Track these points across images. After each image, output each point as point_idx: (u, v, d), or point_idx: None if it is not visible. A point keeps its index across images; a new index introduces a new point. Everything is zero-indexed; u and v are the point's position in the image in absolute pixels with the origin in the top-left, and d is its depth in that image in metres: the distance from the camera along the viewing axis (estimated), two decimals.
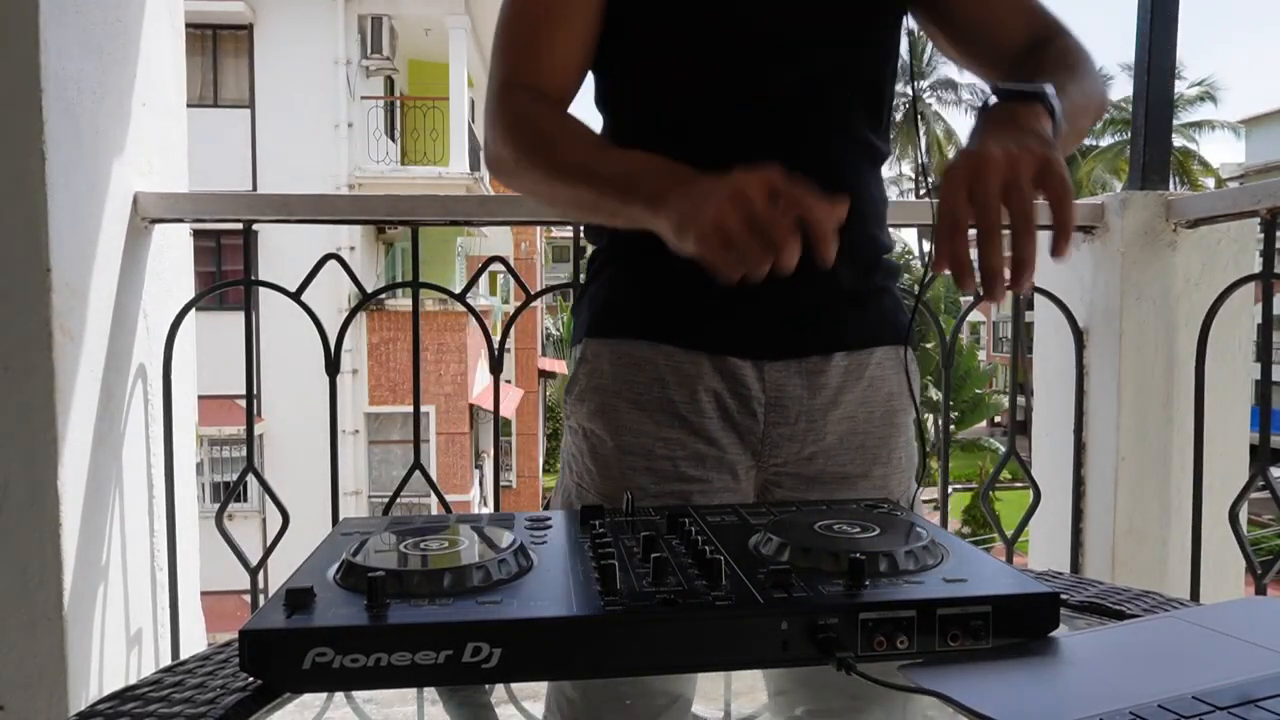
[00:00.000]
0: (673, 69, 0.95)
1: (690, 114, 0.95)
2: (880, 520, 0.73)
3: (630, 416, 0.96)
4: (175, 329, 1.69)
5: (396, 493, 1.83)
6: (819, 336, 0.96)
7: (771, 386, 0.95)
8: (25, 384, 1.36)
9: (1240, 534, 1.70)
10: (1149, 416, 1.85)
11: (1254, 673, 0.54)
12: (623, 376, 0.96)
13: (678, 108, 0.95)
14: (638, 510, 0.80)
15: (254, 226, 1.72)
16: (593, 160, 0.87)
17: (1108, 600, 0.78)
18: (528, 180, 0.93)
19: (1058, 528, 1.96)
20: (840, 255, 0.78)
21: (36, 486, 1.36)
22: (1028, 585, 0.61)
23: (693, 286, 0.84)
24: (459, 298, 1.76)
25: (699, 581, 0.61)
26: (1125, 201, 1.83)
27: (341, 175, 12.62)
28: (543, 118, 0.92)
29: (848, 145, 0.97)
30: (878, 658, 0.58)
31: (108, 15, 1.51)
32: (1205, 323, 1.72)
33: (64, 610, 1.38)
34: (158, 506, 1.68)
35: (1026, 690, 0.56)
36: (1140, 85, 1.89)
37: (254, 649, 0.55)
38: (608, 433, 0.97)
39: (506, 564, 0.63)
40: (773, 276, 0.75)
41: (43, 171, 1.34)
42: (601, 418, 0.97)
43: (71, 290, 1.41)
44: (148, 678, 0.65)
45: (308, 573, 0.64)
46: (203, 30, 12.42)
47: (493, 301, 16.83)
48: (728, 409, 0.95)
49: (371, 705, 0.63)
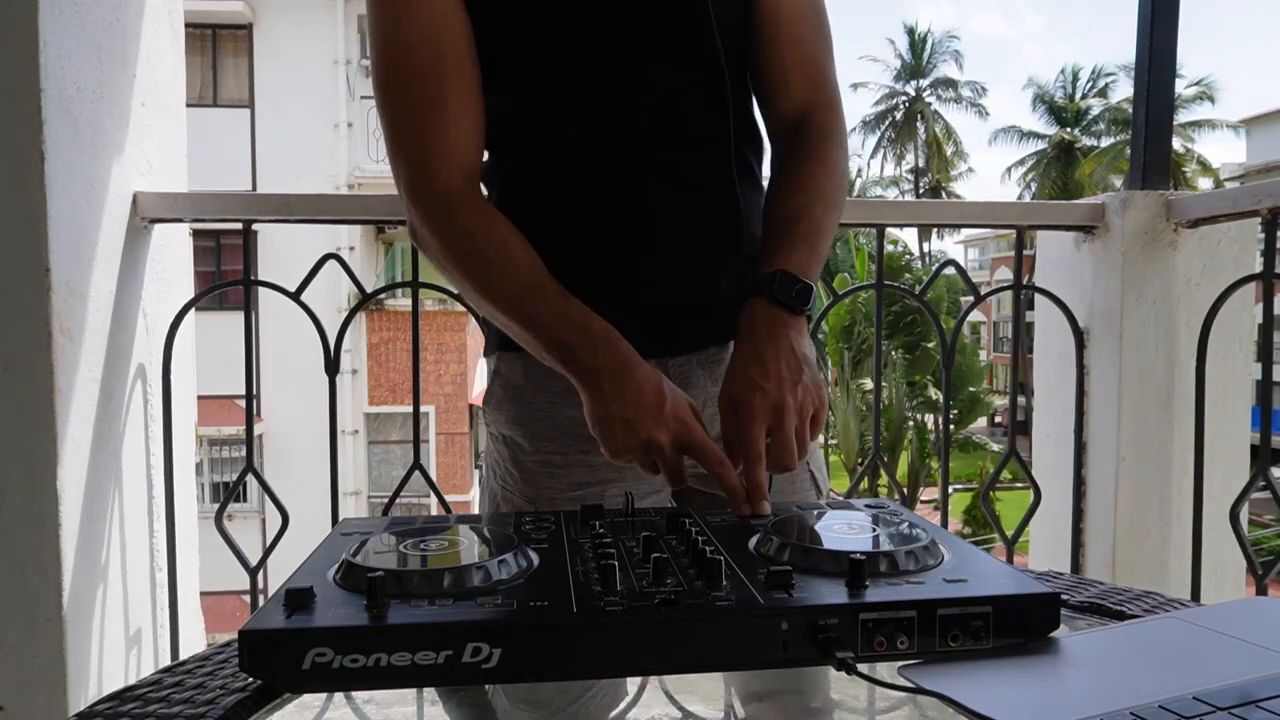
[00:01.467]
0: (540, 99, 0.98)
1: (565, 148, 0.99)
2: (880, 520, 0.73)
3: (544, 425, 1.00)
4: (175, 329, 1.69)
5: (396, 493, 1.83)
6: (713, 329, 1.01)
7: (678, 380, 0.98)
8: (25, 384, 1.36)
9: (1241, 534, 1.70)
10: (1149, 417, 1.85)
11: (1255, 673, 0.54)
12: (535, 387, 1.01)
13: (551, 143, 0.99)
14: (638, 510, 0.80)
15: (254, 226, 1.72)
16: (527, 300, 0.90)
17: (1108, 600, 0.78)
18: (470, 299, 0.96)
19: (1058, 528, 1.96)
20: (723, 260, 1.00)
21: (36, 486, 1.36)
22: (1028, 585, 0.61)
23: (594, 297, 0.90)
24: (459, 298, 1.76)
25: (699, 582, 0.61)
26: (1126, 201, 1.83)
27: (341, 175, 12.63)
28: (477, 235, 0.93)
29: (718, 159, 1.00)
30: (878, 658, 0.58)
31: (107, 15, 1.51)
32: (1206, 323, 1.72)
33: (63, 611, 1.38)
34: (157, 507, 1.68)
35: (1027, 690, 0.56)
36: (1140, 85, 1.89)
37: (254, 649, 0.55)
38: (525, 440, 1.01)
39: (506, 564, 0.63)
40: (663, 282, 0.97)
41: (42, 171, 1.34)
42: (520, 426, 1.02)
43: (71, 290, 1.41)
44: (147, 678, 0.65)
45: (307, 573, 0.64)
46: (202, 30, 12.43)
47: None
48: None
49: (371, 705, 0.63)
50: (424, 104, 0.94)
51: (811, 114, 1.03)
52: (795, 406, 0.86)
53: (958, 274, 1.99)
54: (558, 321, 0.88)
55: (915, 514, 0.77)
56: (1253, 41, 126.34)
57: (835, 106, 1.05)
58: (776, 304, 0.91)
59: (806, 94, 1.03)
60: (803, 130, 1.03)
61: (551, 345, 0.89)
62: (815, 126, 1.02)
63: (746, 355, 0.89)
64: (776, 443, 0.85)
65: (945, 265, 2.05)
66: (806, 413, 0.88)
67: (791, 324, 0.91)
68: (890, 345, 20.48)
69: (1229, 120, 27.61)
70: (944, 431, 2.16)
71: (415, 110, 0.94)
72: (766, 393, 0.85)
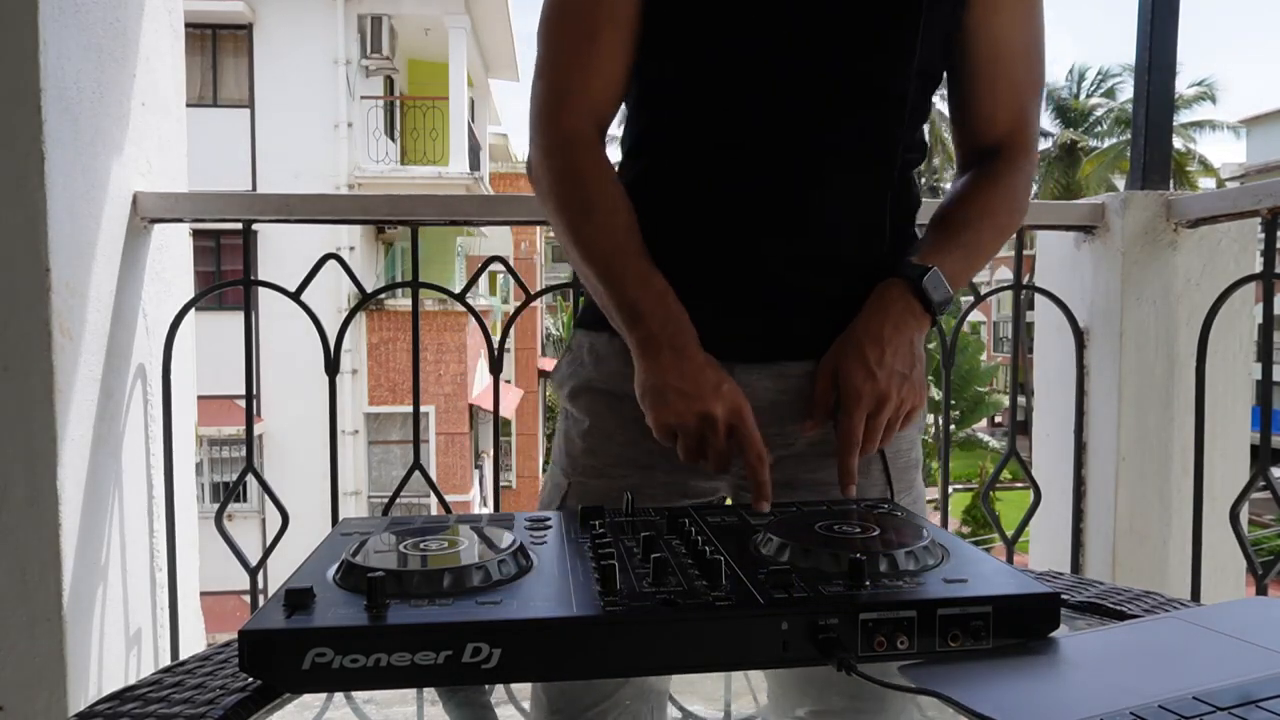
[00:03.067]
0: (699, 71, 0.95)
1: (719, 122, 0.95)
2: (881, 520, 0.73)
3: (604, 409, 0.98)
4: (175, 329, 1.69)
5: (396, 493, 1.83)
6: (790, 343, 0.96)
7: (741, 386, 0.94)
8: (25, 384, 1.36)
9: (1241, 534, 1.70)
10: (1149, 416, 1.85)
11: (1254, 673, 0.54)
12: (600, 370, 0.99)
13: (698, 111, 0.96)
14: (638, 510, 0.80)
15: (253, 226, 1.72)
16: (615, 257, 0.91)
17: (1108, 600, 0.78)
18: (560, 237, 0.96)
19: (1058, 528, 1.96)
20: (826, 265, 0.95)
21: (36, 486, 1.36)
22: (1028, 585, 0.61)
23: (694, 280, 0.90)
24: (459, 298, 1.76)
25: (699, 582, 0.61)
26: (1126, 201, 1.83)
27: (341, 175, 12.62)
28: (587, 182, 0.93)
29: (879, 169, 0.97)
30: (878, 658, 0.58)
31: (107, 15, 1.51)
32: (1206, 323, 1.72)
33: (63, 610, 1.38)
34: (157, 506, 1.68)
35: (1027, 690, 0.56)
36: (1141, 85, 1.89)
37: (254, 649, 0.55)
38: (588, 417, 1.00)
39: (506, 564, 0.63)
40: (751, 283, 0.93)
41: (42, 171, 1.34)
42: (581, 403, 1.00)
43: (71, 290, 1.41)
44: (147, 678, 0.65)
45: (307, 573, 0.64)
46: (202, 30, 12.42)
47: (492, 301, 16.83)
48: None
49: (371, 705, 0.63)
50: (578, 38, 0.94)
51: (1007, 147, 1.02)
52: (897, 402, 0.88)
53: None
54: (637, 283, 0.89)
55: (915, 514, 0.77)
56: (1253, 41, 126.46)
57: (1032, 150, 1.04)
58: (917, 295, 0.91)
59: (1007, 134, 1.02)
60: (994, 160, 1.02)
61: (624, 305, 0.88)
62: (1007, 160, 1.02)
63: (868, 331, 0.89)
64: (867, 429, 0.87)
65: None
66: (904, 409, 0.89)
67: (920, 321, 0.91)
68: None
69: (1229, 120, 27.59)
70: (944, 431, 2.16)
71: (568, 43, 0.95)
72: (877, 381, 0.87)
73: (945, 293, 0.92)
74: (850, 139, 0.94)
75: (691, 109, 0.96)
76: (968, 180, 1.03)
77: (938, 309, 0.92)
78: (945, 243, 0.96)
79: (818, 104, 0.93)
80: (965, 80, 1.02)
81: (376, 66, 13.05)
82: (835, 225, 0.95)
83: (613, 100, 0.97)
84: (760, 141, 0.93)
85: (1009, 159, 1.02)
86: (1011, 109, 1.02)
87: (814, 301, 0.95)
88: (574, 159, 0.94)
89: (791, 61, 0.92)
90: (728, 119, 0.94)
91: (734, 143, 0.94)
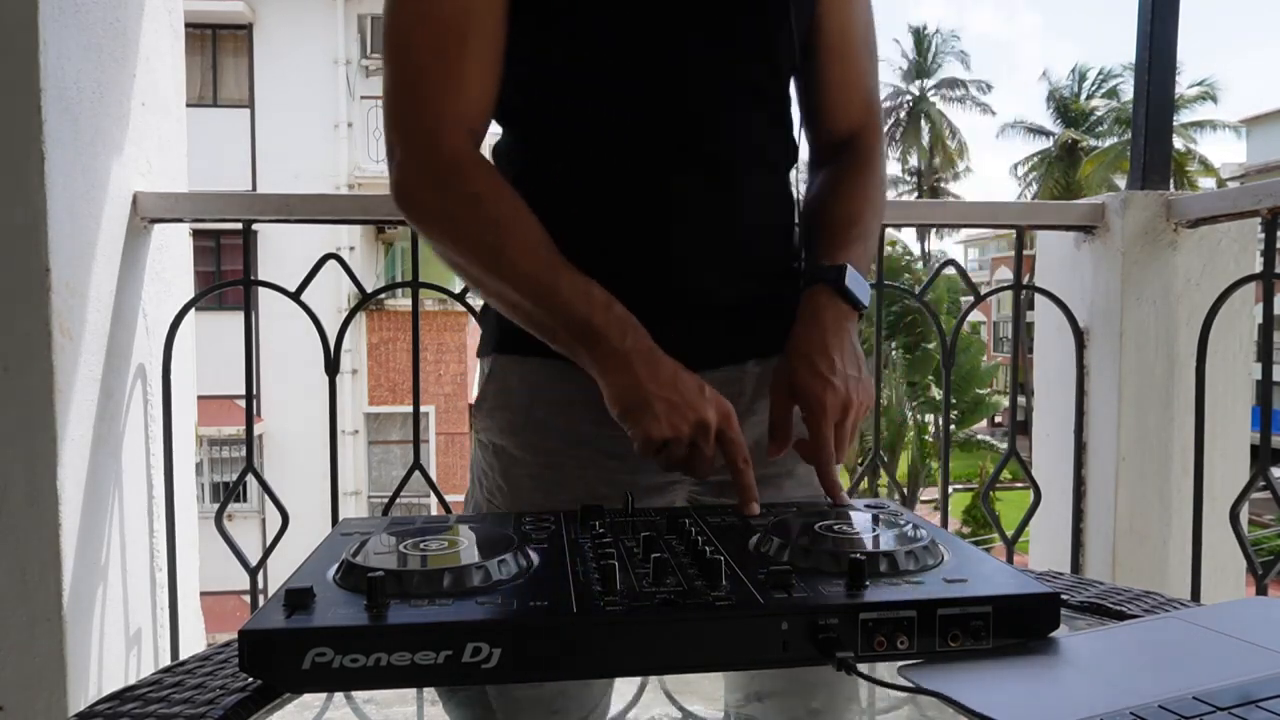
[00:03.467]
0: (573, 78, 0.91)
1: (589, 122, 0.92)
2: (880, 520, 0.73)
3: (540, 436, 0.94)
4: (175, 329, 1.69)
5: (396, 493, 1.83)
6: (730, 347, 0.95)
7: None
8: (25, 384, 1.36)
9: (1241, 534, 1.70)
10: (1149, 416, 1.85)
11: (1254, 673, 0.54)
12: (533, 396, 0.94)
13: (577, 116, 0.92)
14: (638, 510, 0.80)
15: (253, 226, 1.72)
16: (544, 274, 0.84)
17: (1108, 600, 0.78)
18: (474, 272, 0.89)
19: (1058, 528, 1.96)
20: (747, 268, 0.95)
21: (36, 486, 1.36)
22: (1028, 585, 0.61)
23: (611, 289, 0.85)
24: (459, 298, 1.76)
25: (699, 582, 0.61)
26: (1126, 201, 1.83)
27: (341, 175, 12.63)
28: (493, 204, 0.86)
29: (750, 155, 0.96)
30: (878, 658, 0.58)
31: (107, 15, 1.51)
32: (1206, 323, 1.72)
33: (63, 610, 1.38)
34: (157, 507, 1.68)
35: (1027, 690, 0.56)
36: (1141, 85, 1.89)
37: (254, 649, 0.55)
38: (519, 450, 0.94)
39: (506, 564, 0.63)
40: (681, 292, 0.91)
41: (42, 171, 1.34)
42: (512, 436, 0.95)
43: (71, 290, 1.41)
44: (147, 678, 0.65)
45: (307, 573, 0.64)
46: (202, 30, 12.43)
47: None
48: None
49: (371, 705, 0.63)
50: (441, 55, 0.86)
51: (862, 135, 1.04)
52: (857, 404, 0.88)
53: (958, 274, 1.99)
54: (581, 300, 0.82)
55: (915, 514, 0.77)
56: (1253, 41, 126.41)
57: (880, 132, 1.07)
58: (841, 296, 0.91)
59: (859, 116, 1.04)
60: (853, 147, 1.03)
61: (572, 325, 0.82)
62: (866, 147, 1.04)
63: (812, 343, 0.88)
64: (836, 439, 0.86)
65: (945, 265, 2.05)
66: (864, 409, 0.89)
67: (851, 319, 0.92)
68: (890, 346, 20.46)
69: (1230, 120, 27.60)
70: (944, 431, 2.16)
71: (429, 61, 0.86)
72: (837, 390, 0.86)
73: (866, 288, 0.93)
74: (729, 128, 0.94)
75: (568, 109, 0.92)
76: (837, 171, 1.03)
77: (861, 304, 0.92)
78: (843, 238, 0.96)
79: (700, 101, 0.92)
80: (816, 72, 1.02)
81: (376, 66, 13.00)
82: (749, 228, 0.95)
83: (487, 113, 0.91)
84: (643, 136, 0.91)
85: (870, 144, 1.04)
86: (862, 95, 1.04)
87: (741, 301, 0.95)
88: (468, 181, 0.87)
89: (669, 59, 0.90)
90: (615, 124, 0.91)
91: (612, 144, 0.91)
